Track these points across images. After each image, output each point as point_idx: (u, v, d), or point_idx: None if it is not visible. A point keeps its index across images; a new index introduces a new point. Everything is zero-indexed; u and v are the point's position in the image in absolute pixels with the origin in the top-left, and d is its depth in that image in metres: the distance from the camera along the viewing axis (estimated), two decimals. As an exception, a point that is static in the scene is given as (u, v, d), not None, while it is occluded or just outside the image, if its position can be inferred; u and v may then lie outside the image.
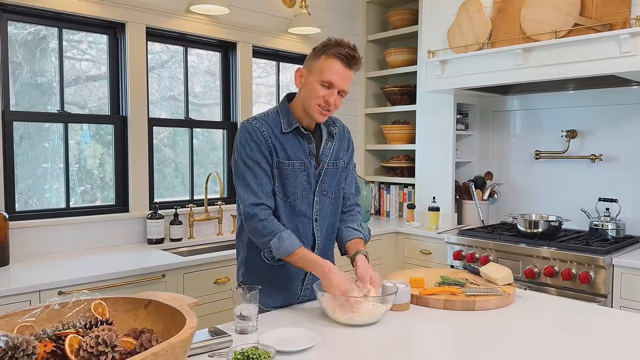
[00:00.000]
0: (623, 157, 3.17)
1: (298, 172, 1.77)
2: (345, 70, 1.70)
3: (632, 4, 2.50)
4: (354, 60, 1.70)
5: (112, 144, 3.00)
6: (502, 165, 3.76)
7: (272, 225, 1.69)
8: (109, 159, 3.02)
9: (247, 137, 1.74)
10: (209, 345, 1.38)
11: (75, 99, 2.92)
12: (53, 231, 2.71)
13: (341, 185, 1.91)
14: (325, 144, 1.84)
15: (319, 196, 1.83)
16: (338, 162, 1.88)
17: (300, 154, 1.77)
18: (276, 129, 1.76)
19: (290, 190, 1.77)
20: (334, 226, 1.92)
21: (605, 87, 3.19)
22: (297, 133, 1.78)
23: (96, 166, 2.99)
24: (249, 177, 1.72)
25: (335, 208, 1.90)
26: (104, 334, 0.99)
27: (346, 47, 1.70)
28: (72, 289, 2.20)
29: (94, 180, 2.98)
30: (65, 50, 2.86)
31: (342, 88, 1.72)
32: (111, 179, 3.01)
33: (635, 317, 1.72)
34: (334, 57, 1.69)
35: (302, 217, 1.80)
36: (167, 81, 3.29)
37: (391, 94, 4.11)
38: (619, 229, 3.03)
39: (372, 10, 4.26)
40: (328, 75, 1.69)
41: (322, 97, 1.70)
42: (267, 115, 1.80)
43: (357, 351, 1.42)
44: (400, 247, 3.66)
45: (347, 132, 1.97)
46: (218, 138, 3.55)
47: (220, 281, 2.69)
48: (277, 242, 1.67)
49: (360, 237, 1.88)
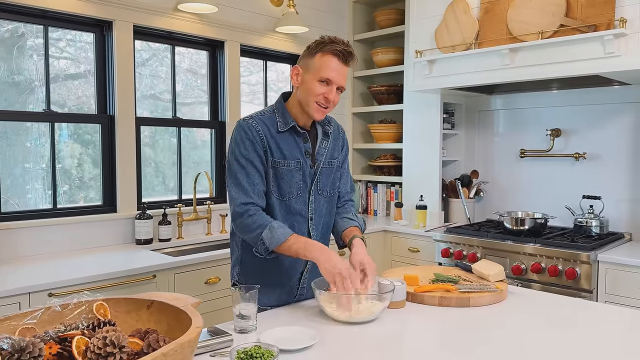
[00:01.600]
0: (606, 155, 3.24)
1: (294, 171, 1.77)
2: (342, 66, 1.72)
3: (616, 5, 2.56)
4: (350, 55, 1.73)
5: (99, 144, 2.96)
6: (487, 164, 3.82)
7: (261, 219, 1.69)
8: (88, 159, 2.97)
9: (242, 135, 1.73)
10: (210, 345, 1.37)
11: (53, 98, 2.85)
12: (40, 232, 2.67)
13: (336, 184, 1.92)
14: (321, 143, 1.85)
15: (314, 195, 1.83)
16: (333, 162, 1.89)
17: (296, 153, 1.78)
18: (272, 128, 1.76)
19: (285, 190, 1.77)
20: (329, 224, 1.93)
21: (588, 87, 3.26)
22: (293, 132, 1.79)
23: (74, 166, 2.94)
24: (241, 175, 1.71)
25: (330, 207, 1.91)
26: (112, 335, 0.98)
27: (341, 44, 1.72)
28: (62, 291, 2.17)
29: (73, 180, 2.92)
30: (42, 49, 2.79)
31: (340, 84, 1.73)
32: (90, 178, 2.96)
33: (625, 312, 1.77)
34: (331, 54, 1.70)
35: (297, 216, 1.81)
36: (148, 79, 3.25)
37: (378, 94, 4.13)
38: (602, 226, 3.09)
39: (359, 10, 4.28)
40: (326, 72, 1.70)
41: (322, 95, 1.71)
42: (263, 114, 1.80)
43: (357, 349, 1.43)
44: (389, 245, 3.68)
45: (342, 132, 1.98)
46: (200, 137, 3.51)
47: (211, 281, 2.68)
48: (269, 233, 1.66)
49: (356, 225, 1.90)
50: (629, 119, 3.15)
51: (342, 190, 1.98)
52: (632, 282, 2.61)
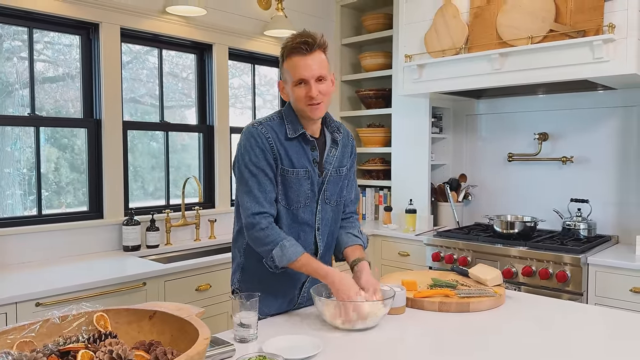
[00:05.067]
0: (593, 159, 3.28)
1: (302, 180, 1.73)
2: (306, 57, 1.64)
3: (604, 11, 2.59)
4: (309, 43, 1.64)
5: (77, 148, 2.90)
6: (475, 168, 3.84)
7: (273, 234, 1.65)
8: (65, 163, 2.89)
9: (252, 142, 1.69)
10: (213, 356, 1.34)
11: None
12: (25, 239, 2.59)
13: (342, 192, 1.88)
14: (329, 151, 1.81)
15: (321, 204, 1.79)
16: (341, 170, 1.85)
17: (304, 161, 1.73)
18: (281, 135, 1.71)
19: (293, 199, 1.73)
20: (334, 233, 1.89)
21: (575, 92, 3.30)
22: (302, 140, 1.74)
23: (51, 170, 2.86)
24: (252, 184, 1.67)
25: (336, 215, 1.88)
26: (118, 348, 0.95)
27: (297, 37, 1.65)
28: (50, 300, 2.11)
29: (50, 185, 2.84)
30: (20, 51, 2.71)
31: (314, 75, 1.65)
32: (68, 183, 2.89)
33: (620, 315, 1.78)
34: (290, 53, 1.66)
35: (304, 225, 1.77)
36: (129, 82, 3.18)
37: (366, 98, 4.13)
38: (590, 229, 3.13)
39: (346, 14, 4.28)
40: (295, 73, 1.66)
41: (305, 95, 1.67)
42: (272, 120, 1.75)
43: (360, 356, 1.41)
44: (378, 250, 3.67)
45: (352, 139, 1.93)
46: (180, 141, 3.44)
47: (202, 288, 2.63)
48: (280, 251, 1.63)
49: (360, 243, 1.87)
50: (615, 123, 3.20)
51: (347, 199, 1.93)
52: (621, 284, 2.64)
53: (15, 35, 2.68)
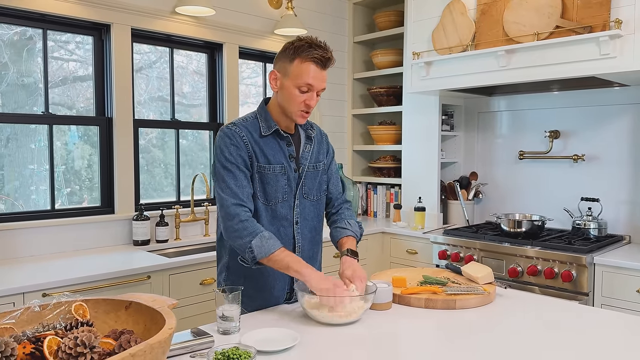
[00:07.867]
0: (604, 157, 3.22)
1: (279, 176, 1.78)
2: (321, 72, 1.71)
3: (611, 7, 2.54)
4: (329, 61, 1.72)
5: (98, 146, 3.00)
6: (486, 166, 3.80)
7: (252, 226, 1.69)
8: (97, 160, 3.01)
9: (226, 141, 1.74)
10: (191, 346, 1.39)
11: (62, 100, 2.91)
12: (37, 233, 2.70)
13: (323, 187, 1.93)
14: (304, 147, 1.85)
15: (299, 199, 1.84)
16: (318, 165, 1.89)
17: (280, 157, 1.78)
18: (255, 134, 1.76)
19: (271, 195, 1.78)
20: (318, 228, 1.93)
21: (587, 89, 3.24)
22: (277, 136, 1.79)
23: (84, 167, 2.98)
24: (229, 179, 1.71)
25: (318, 210, 1.91)
26: (83, 335, 1.00)
27: (319, 49, 1.69)
28: (56, 291, 2.20)
29: (82, 181, 2.97)
30: (53, 51, 2.85)
31: (320, 88, 1.74)
32: (93, 179, 3.00)
33: (607, 314, 1.76)
34: (309, 61, 1.68)
35: (283, 220, 1.81)
36: (156, 82, 3.29)
37: (378, 95, 4.13)
38: (600, 228, 3.07)
39: (359, 12, 4.28)
40: (306, 79, 1.69)
41: (303, 102, 1.72)
42: (246, 120, 1.80)
43: (338, 350, 1.43)
44: (387, 247, 3.68)
45: (325, 136, 1.99)
46: (206, 139, 3.55)
47: (206, 282, 2.69)
48: (259, 242, 1.66)
49: (349, 234, 1.90)
50: (628, 120, 3.12)
51: (334, 193, 1.98)
52: (628, 285, 2.59)
53: (35, 36, 2.79)
